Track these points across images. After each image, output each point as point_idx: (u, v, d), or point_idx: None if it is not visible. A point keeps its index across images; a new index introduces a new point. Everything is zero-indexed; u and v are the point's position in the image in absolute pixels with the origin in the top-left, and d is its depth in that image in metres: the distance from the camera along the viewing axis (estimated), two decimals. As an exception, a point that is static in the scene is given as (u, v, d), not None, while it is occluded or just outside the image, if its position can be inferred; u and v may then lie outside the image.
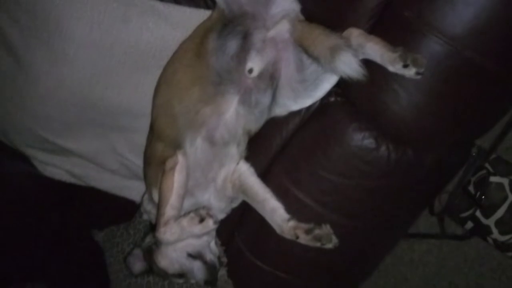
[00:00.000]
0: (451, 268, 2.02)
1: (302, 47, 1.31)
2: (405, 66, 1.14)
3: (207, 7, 1.58)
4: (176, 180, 1.41)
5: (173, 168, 1.42)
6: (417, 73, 1.14)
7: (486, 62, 1.12)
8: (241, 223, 1.64)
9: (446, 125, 1.27)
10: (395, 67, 1.16)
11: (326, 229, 1.38)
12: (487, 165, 1.68)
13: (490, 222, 1.67)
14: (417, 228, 1.99)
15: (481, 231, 1.71)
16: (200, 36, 1.46)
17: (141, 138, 1.65)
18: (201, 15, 1.55)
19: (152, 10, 1.54)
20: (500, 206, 1.64)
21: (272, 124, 1.50)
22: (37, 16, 1.47)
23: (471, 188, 1.70)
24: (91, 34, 1.49)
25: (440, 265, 2.04)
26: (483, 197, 1.65)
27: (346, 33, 1.27)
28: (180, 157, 1.43)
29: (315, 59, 1.27)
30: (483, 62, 1.12)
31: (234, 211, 1.60)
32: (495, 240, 1.69)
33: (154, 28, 1.55)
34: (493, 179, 1.64)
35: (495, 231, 1.67)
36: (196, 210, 1.37)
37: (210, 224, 1.34)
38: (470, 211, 1.71)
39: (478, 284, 1.96)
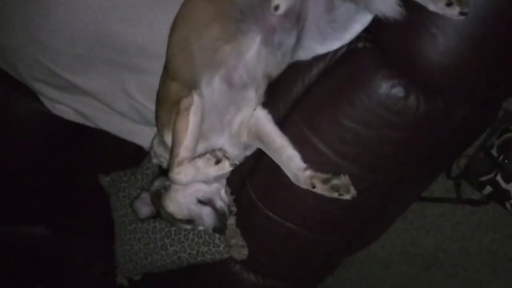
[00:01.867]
0: (464, 233, 1.98)
1: (336, -18, 1.22)
2: (449, 4, 1.05)
3: None
4: (191, 121, 1.35)
5: (188, 109, 1.35)
6: (461, 13, 1.05)
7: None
8: (253, 172, 1.59)
9: (482, 76, 1.20)
10: (437, 6, 1.07)
11: (345, 179, 1.33)
12: (513, 128, 1.61)
13: (510, 187, 1.62)
14: (431, 192, 1.94)
15: (500, 196, 1.66)
16: (223, -31, 1.37)
17: (154, 81, 1.58)
18: None
19: None
20: (523, 171, 1.59)
21: (295, 69, 1.42)
22: None
23: (494, 152, 1.64)
24: (108, -39, 1.40)
25: (453, 230, 2.00)
26: (506, 160, 1.59)
27: (385, -32, 1.18)
28: (195, 98, 1.36)
29: (349, -5, 1.18)
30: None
31: (247, 160, 1.55)
32: (513, 206, 1.65)
33: (175, -40, 1.45)
34: (518, 142, 1.58)
35: (514, 196, 1.62)
36: (212, 152, 1.31)
37: (226, 166, 1.28)
38: (491, 175, 1.65)
39: (490, 250, 1.93)
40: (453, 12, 1.06)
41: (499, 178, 1.64)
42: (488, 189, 1.70)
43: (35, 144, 1.98)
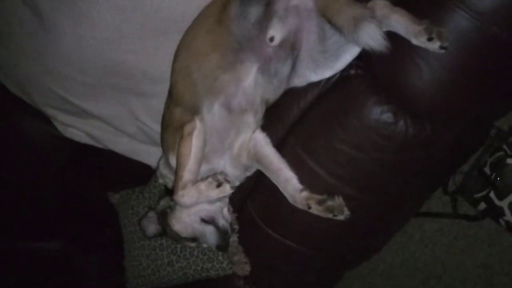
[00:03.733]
0: (461, 248, 2.02)
1: (325, 17, 1.30)
2: (430, 39, 1.12)
3: (230, -28, 1.56)
4: (194, 145, 1.43)
5: (191, 134, 1.44)
6: (441, 47, 1.12)
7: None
8: (254, 192, 1.66)
9: (467, 102, 1.26)
10: (419, 40, 1.14)
11: (339, 200, 1.39)
12: (504, 146, 1.66)
13: (504, 204, 1.66)
14: (429, 207, 2.00)
15: (494, 212, 1.71)
16: (222, 2, 1.45)
17: (159, 104, 1.67)
18: (224, -20, 1.53)
19: (176, -26, 1.53)
20: (515, 188, 1.63)
21: (291, 94, 1.50)
22: (62, -25, 1.48)
23: (487, 169, 1.69)
24: (115, -3, 1.50)
25: (450, 245, 2.05)
26: (498, 178, 1.64)
27: (371, 3, 1.25)
28: (198, 123, 1.45)
29: (338, 29, 1.25)
30: (509, 39, 1.10)
31: (248, 179, 1.62)
32: (507, 222, 1.69)
33: (177, -7, 1.54)
34: (510, 160, 1.63)
35: (508, 212, 1.66)
36: (214, 175, 1.39)
37: (227, 189, 1.36)
38: (484, 192, 1.70)
39: (487, 265, 1.97)
40: (434, 46, 1.13)
41: (492, 195, 1.69)
42: (483, 205, 1.75)
43: (48, 164, 2.08)
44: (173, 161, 1.52)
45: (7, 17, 1.68)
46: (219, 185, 1.36)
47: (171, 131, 1.54)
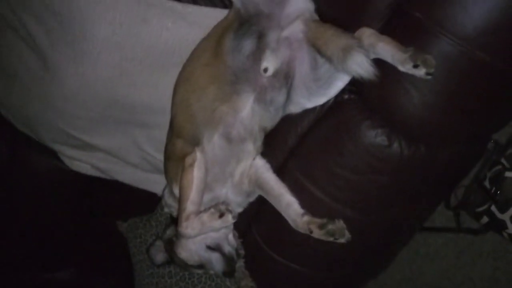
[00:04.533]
0: (467, 262, 2.03)
1: (315, 47, 1.34)
2: (416, 66, 1.16)
3: (224, 6, 1.62)
4: (196, 176, 1.47)
5: (192, 165, 1.48)
6: (427, 74, 1.16)
7: (498, 62, 1.13)
8: (257, 217, 1.69)
9: (458, 123, 1.29)
10: (405, 67, 1.18)
11: (339, 224, 1.42)
12: (503, 160, 1.68)
13: (505, 217, 1.67)
14: (433, 222, 2.01)
15: (497, 225, 1.72)
16: (217, 35, 1.51)
17: (162, 134, 1.71)
18: (218, 14, 1.59)
19: (171, 10, 1.59)
20: (516, 201, 1.65)
21: (288, 121, 1.54)
22: (63, 19, 1.54)
23: (486, 183, 1.71)
24: (113, 36, 1.56)
25: (456, 259, 2.05)
26: (498, 192, 1.66)
27: (358, 32, 1.29)
28: (198, 154, 1.49)
29: (328, 59, 1.30)
30: (495, 62, 1.13)
31: (251, 205, 1.66)
32: (510, 235, 1.70)
33: (173, 28, 1.60)
34: (508, 174, 1.64)
35: (510, 226, 1.67)
36: (215, 205, 1.43)
37: (229, 219, 1.40)
38: (486, 206, 1.71)
39: (493, 278, 1.97)
40: (420, 73, 1.16)
41: (493, 208, 1.70)
42: (485, 219, 1.76)
43: (57, 197, 2.13)
44: (176, 190, 1.57)
45: (12, 59, 1.76)
46: (221, 215, 1.40)
47: (173, 162, 1.59)
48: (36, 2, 1.57)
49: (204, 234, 1.55)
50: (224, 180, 1.56)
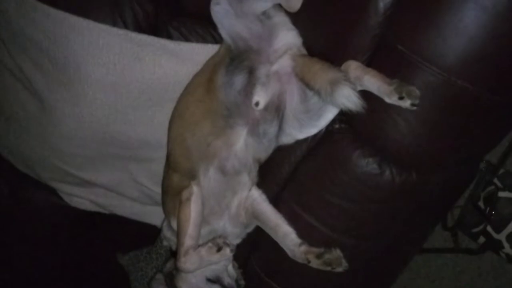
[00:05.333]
0: (467, 282, 2.03)
1: (304, 81, 1.38)
2: (401, 98, 1.19)
3: (215, 41, 1.67)
4: (193, 210, 1.49)
5: (189, 199, 1.51)
6: (413, 105, 1.19)
7: (480, 90, 1.16)
8: (256, 247, 1.70)
9: (447, 149, 1.31)
10: (391, 99, 1.21)
11: (336, 253, 1.43)
12: (495, 180, 1.70)
13: (501, 236, 1.69)
14: (432, 243, 2.02)
15: (493, 245, 1.73)
16: (209, 71, 1.55)
17: (159, 167, 1.74)
18: (209, 49, 1.64)
19: (163, 48, 1.63)
20: (510, 221, 1.66)
21: (281, 152, 1.56)
22: (58, 62, 1.58)
23: (481, 203, 1.73)
24: (108, 75, 1.60)
25: (455, 279, 2.05)
26: (493, 212, 1.67)
27: (345, 65, 1.33)
28: (195, 188, 1.52)
29: (316, 92, 1.34)
30: (477, 90, 1.16)
31: (249, 235, 1.67)
32: (507, 255, 1.71)
33: (166, 65, 1.64)
34: (501, 194, 1.66)
35: (506, 245, 1.68)
36: (213, 239, 1.45)
37: (227, 252, 1.42)
38: (481, 226, 1.73)
39: (494, 298, 1.98)
40: (406, 104, 1.20)
41: (489, 229, 1.71)
42: (482, 239, 1.77)
43: (56, 232, 2.14)
44: (174, 224, 1.59)
45: (10, 100, 1.80)
46: (219, 249, 1.42)
47: (171, 196, 1.62)
48: (32, 46, 1.61)
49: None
50: (221, 213, 1.58)
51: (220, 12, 1.47)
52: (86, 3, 1.58)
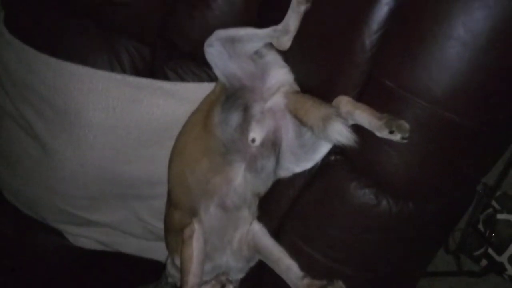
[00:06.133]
0: (472, 304, 2.03)
1: (297, 118, 1.42)
2: (391, 132, 1.23)
3: (210, 79, 1.73)
4: (195, 248, 1.51)
5: (191, 237, 1.53)
6: (403, 138, 1.22)
7: (466, 121, 1.20)
8: (260, 280, 1.71)
9: (440, 178, 1.34)
10: (382, 133, 1.25)
11: (338, 285, 1.44)
12: (493, 202, 1.72)
13: (503, 259, 1.69)
14: (436, 266, 2.02)
15: (496, 268, 1.74)
16: (205, 109, 1.60)
17: (161, 203, 1.77)
18: (205, 87, 1.69)
19: (160, 89, 1.69)
20: (511, 243, 1.67)
21: (280, 185, 1.59)
22: (59, 108, 1.64)
23: (480, 226, 1.74)
24: (107, 119, 1.65)
25: (461, 302, 2.05)
26: (492, 234, 1.69)
27: (336, 101, 1.37)
28: (196, 225, 1.54)
29: (310, 128, 1.37)
30: (464, 121, 1.19)
31: (252, 269, 1.69)
32: (510, 276, 1.71)
33: (164, 105, 1.70)
34: (500, 216, 1.68)
35: (509, 267, 1.69)
36: (216, 277, 1.47)
37: None
38: (483, 249, 1.74)
39: (500, 320, 1.97)
40: (396, 138, 1.23)
41: (491, 251, 1.72)
42: (484, 261, 1.78)
43: (62, 272, 2.16)
44: (178, 262, 1.61)
45: (13, 146, 1.85)
46: (222, 286, 1.43)
47: (173, 234, 1.64)
48: (33, 94, 1.67)
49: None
50: (223, 249, 1.60)
51: (213, 53, 1.52)
52: (84, 51, 1.64)
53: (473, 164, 1.37)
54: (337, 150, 1.51)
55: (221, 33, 1.51)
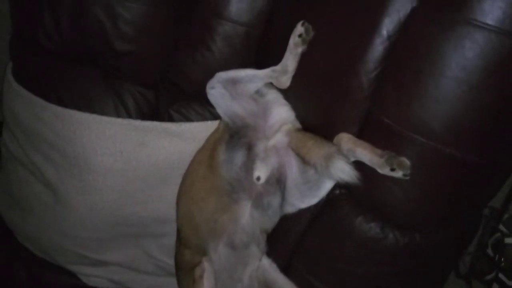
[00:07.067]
0: (487, 329, 2.01)
1: (299, 156, 1.45)
2: (392, 169, 1.25)
3: (213, 117, 1.76)
4: (206, 287, 1.53)
5: (201, 276, 1.55)
6: (404, 175, 1.25)
7: (467, 156, 1.21)
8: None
9: (444, 211, 1.35)
10: (383, 171, 1.27)
11: (349, 319, 1.46)
12: (500, 226, 1.72)
13: (515, 283, 1.69)
14: (448, 291, 2.02)
15: (508, 292, 1.74)
16: (210, 148, 1.63)
17: (171, 240, 1.80)
18: (209, 126, 1.73)
19: (165, 131, 1.73)
20: (521, 267, 1.67)
21: (287, 220, 1.61)
22: (68, 155, 1.68)
23: (489, 251, 1.74)
24: (115, 163, 1.68)
25: (476, 327, 2.03)
26: (502, 259, 1.69)
27: (337, 138, 1.40)
28: (206, 264, 1.56)
29: (312, 167, 1.40)
30: (464, 156, 1.21)
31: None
32: (523, 301, 1.71)
33: (170, 146, 1.73)
34: (508, 240, 1.68)
35: (521, 292, 1.69)
36: None
37: None
38: (493, 274, 1.73)
39: None
40: (398, 175, 1.25)
41: (502, 276, 1.72)
42: (496, 286, 1.77)
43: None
44: (190, 300, 1.62)
45: (25, 192, 1.89)
46: None
47: (184, 272, 1.66)
48: (42, 142, 1.72)
49: None
50: (233, 286, 1.62)
51: (215, 95, 1.56)
52: (90, 98, 1.69)
53: (477, 194, 1.38)
54: (341, 184, 1.53)
55: (222, 75, 1.55)
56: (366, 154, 1.31)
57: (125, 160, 1.69)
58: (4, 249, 2.07)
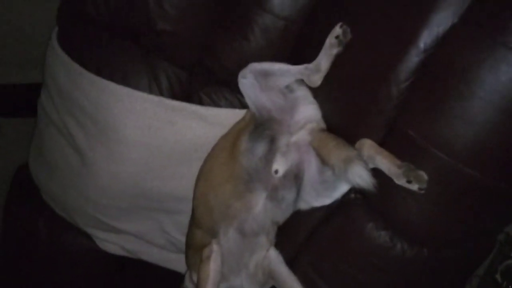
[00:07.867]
0: None
1: (319, 156, 1.47)
2: (409, 181, 1.26)
3: (241, 106, 1.80)
4: (212, 269, 1.58)
5: (209, 257, 1.60)
6: (420, 189, 1.25)
7: (488, 179, 1.21)
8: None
9: (457, 230, 1.35)
10: (400, 181, 1.28)
11: (347, 320, 1.48)
12: (513, 253, 1.70)
13: (522, 311, 1.67)
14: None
15: (512, 320, 1.72)
16: (234, 136, 1.67)
17: (186, 219, 1.86)
18: (236, 114, 1.76)
19: (194, 113, 1.77)
20: (528, 297, 1.64)
21: (298, 216, 1.63)
22: (99, 123, 1.75)
23: (498, 276, 1.72)
24: (142, 137, 1.74)
25: None
26: (509, 287, 1.67)
27: (359, 143, 1.41)
28: (215, 246, 1.61)
29: (331, 168, 1.42)
30: (485, 179, 1.21)
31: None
32: (526, 331, 1.69)
33: (197, 128, 1.78)
34: (519, 268, 1.66)
35: (525, 322, 1.66)
36: None
37: None
38: (499, 300, 1.72)
39: None
40: (414, 188, 1.26)
41: (508, 302, 1.71)
42: (500, 312, 1.76)
43: (89, 274, 2.28)
44: (195, 278, 1.68)
45: (55, 153, 1.97)
46: None
47: (193, 251, 1.72)
48: (77, 108, 1.79)
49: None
50: (239, 271, 1.66)
51: (246, 84, 1.59)
52: (126, 72, 1.74)
53: (493, 218, 1.37)
54: (357, 189, 1.54)
55: (255, 66, 1.58)
56: (385, 163, 1.32)
57: (152, 135, 1.74)
58: (30, 204, 2.19)
